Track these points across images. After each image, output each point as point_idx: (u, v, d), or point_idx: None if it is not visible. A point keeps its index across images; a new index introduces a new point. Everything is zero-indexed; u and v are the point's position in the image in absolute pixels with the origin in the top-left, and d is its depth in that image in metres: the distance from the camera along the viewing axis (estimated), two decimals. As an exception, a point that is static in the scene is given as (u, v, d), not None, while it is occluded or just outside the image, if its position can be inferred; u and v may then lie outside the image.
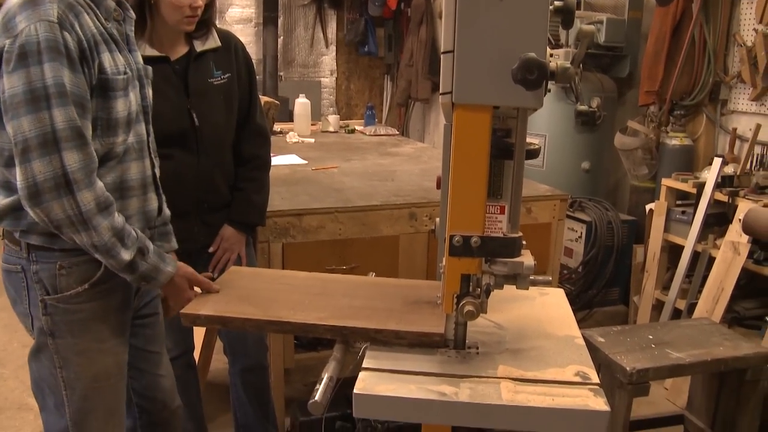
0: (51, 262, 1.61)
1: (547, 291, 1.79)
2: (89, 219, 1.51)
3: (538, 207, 2.99)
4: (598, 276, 4.13)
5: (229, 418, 2.69)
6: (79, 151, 1.49)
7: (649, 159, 4.19)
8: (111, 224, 1.54)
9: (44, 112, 1.44)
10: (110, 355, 1.73)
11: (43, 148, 1.45)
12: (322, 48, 7.15)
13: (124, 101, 1.62)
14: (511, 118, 1.36)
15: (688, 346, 2.61)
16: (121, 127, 1.63)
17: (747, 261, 3.26)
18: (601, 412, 1.24)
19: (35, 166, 1.45)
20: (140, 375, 1.95)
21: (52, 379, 1.69)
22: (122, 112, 1.62)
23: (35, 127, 1.44)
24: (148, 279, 1.65)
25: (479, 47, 1.21)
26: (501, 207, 1.39)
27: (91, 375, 1.70)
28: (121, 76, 1.61)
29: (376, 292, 1.70)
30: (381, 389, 1.29)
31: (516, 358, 1.41)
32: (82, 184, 1.49)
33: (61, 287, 1.63)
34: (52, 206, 1.48)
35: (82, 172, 1.49)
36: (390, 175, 3.35)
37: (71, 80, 1.48)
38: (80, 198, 1.49)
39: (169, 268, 1.68)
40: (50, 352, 1.67)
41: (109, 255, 1.56)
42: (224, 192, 2.32)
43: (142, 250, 1.61)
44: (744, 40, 3.72)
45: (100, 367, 1.71)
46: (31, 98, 1.44)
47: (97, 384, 1.71)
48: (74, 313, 1.65)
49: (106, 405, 1.75)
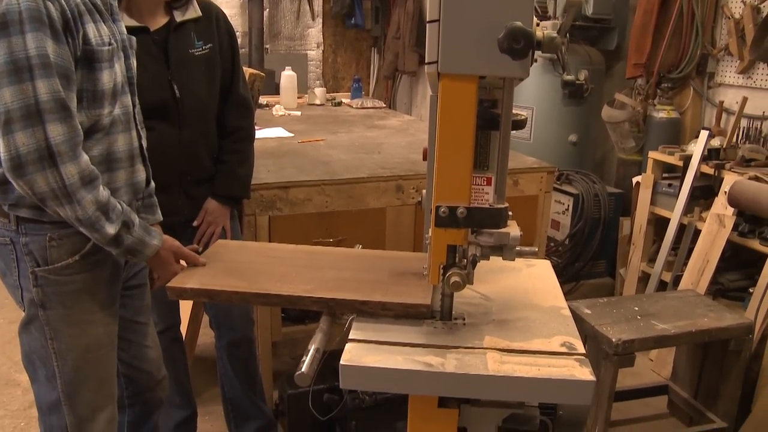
0: (41, 234, 1.61)
1: (534, 263, 1.79)
2: (73, 192, 1.49)
3: (525, 179, 2.99)
4: (585, 248, 4.14)
5: (218, 391, 2.70)
6: (63, 123, 1.47)
7: (636, 132, 4.19)
8: (95, 198, 1.53)
9: (27, 84, 1.43)
10: (101, 326, 1.73)
11: (26, 119, 1.43)
12: (308, 20, 7.08)
13: (109, 72, 1.60)
14: (498, 89, 1.35)
15: (673, 318, 2.64)
16: (107, 99, 1.61)
17: (732, 233, 3.29)
18: (586, 381, 1.24)
19: (18, 137, 1.43)
20: (128, 346, 1.95)
21: (43, 351, 1.69)
22: (108, 84, 1.60)
23: (17, 99, 1.42)
24: (133, 252, 1.64)
25: (465, 16, 1.19)
26: (487, 178, 1.38)
27: (83, 346, 1.70)
28: (106, 47, 1.58)
29: (363, 264, 1.70)
30: (368, 360, 1.29)
31: (502, 328, 1.42)
32: (66, 156, 1.47)
33: (52, 259, 1.63)
34: (36, 178, 1.46)
35: (67, 145, 1.47)
36: (377, 147, 3.34)
37: (55, 51, 1.46)
38: (64, 171, 1.47)
39: (154, 241, 1.67)
40: (41, 323, 1.67)
41: (94, 229, 1.55)
42: (208, 164, 2.30)
43: (127, 223, 1.60)
44: (732, 12, 3.71)
45: (91, 337, 1.71)
46: (13, 69, 1.42)
47: (89, 354, 1.72)
48: (65, 284, 1.65)
49: (97, 375, 1.75)
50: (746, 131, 3.69)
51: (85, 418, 1.74)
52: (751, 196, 3.12)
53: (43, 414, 1.77)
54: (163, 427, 2.61)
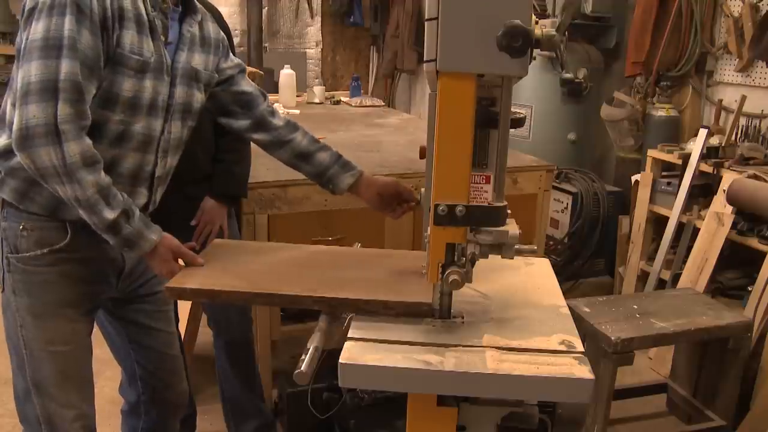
0: (16, 221, 1.65)
1: (533, 261, 1.79)
2: (73, 171, 1.50)
3: (524, 178, 2.98)
4: (584, 247, 4.15)
5: (217, 390, 2.69)
6: (73, 105, 1.49)
7: (635, 130, 4.19)
8: (96, 180, 1.53)
9: (53, 61, 1.47)
10: (68, 322, 1.73)
11: (42, 93, 1.46)
12: (307, 19, 7.07)
13: (133, 82, 1.60)
14: (496, 87, 1.35)
15: (672, 316, 2.64)
16: (121, 107, 1.61)
17: (731, 232, 3.29)
18: (585, 380, 1.24)
19: (31, 108, 1.46)
20: (147, 351, 1.96)
21: (15, 338, 1.72)
22: (127, 92, 1.60)
23: (41, 72, 1.47)
24: (130, 244, 1.62)
25: (464, 14, 1.19)
26: (486, 176, 1.38)
27: (47, 338, 1.71)
28: (137, 57, 1.59)
29: (363, 263, 1.70)
30: (367, 359, 1.29)
31: (501, 327, 1.42)
32: (70, 135, 1.48)
33: (21, 248, 1.66)
34: (40, 152, 1.47)
35: (71, 125, 1.49)
36: (376, 146, 3.33)
37: (87, 40, 1.50)
38: (66, 148, 1.48)
39: (153, 236, 1.65)
40: (12, 309, 1.70)
41: (92, 211, 1.55)
42: (205, 164, 2.30)
43: (127, 212, 1.59)
44: (731, 10, 3.71)
45: (53, 332, 1.72)
46: (45, 45, 1.47)
47: (53, 348, 1.72)
48: (32, 274, 1.67)
49: (62, 371, 1.74)
50: (745, 129, 3.70)
51: (53, 412, 1.74)
52: (749, 194, 3.12)
53: (19, 401, 1.78)
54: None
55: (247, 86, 1.96)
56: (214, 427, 2.90)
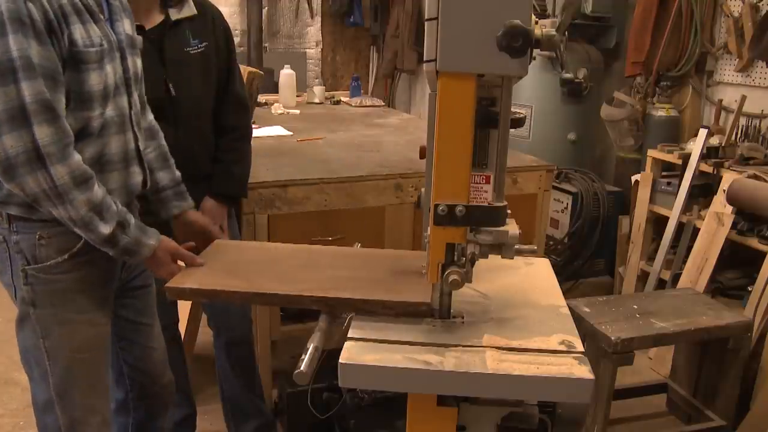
0: (31, 232, 1.61)
1: (533, 261, 1.79)
2: (65, 193, 1.49)
3: (524, 178, 2.99)
4: (584, 247, 4.15)
5: (217, 390, 2.69)
6: (50, 124, 1.46)
7: (635, 130, 4.19)
8: (88, 198, 1.52)
9: (11, 86, 1.42)
10: (91, 326, 1.73)
11: (12, 122, 1.43)
12: (307, 19, 7.07)
13: (98, 74, 1.58)
14: (496, 87, 1.35)
15: (672, 316, 2.64)
16: (97, 101, 1.59)
17: (731, 232, 3.29)
18: (585, 380, 1.24)
19: (6, 140, 1.43)
20: (131, 347, 1.96)
21: (36, 349, 1.69)
22: (97, 86, 1.58)
23: (3, 102, 1.42)
24: (130, 253, 1.63)
25: (464, 14, 1.19)
26: (486, 176, 1.38)
27: (73, 346, 1.70)
28: (94, 49, 1.56)
29: (362, 263, 1.70)
30: (367, 359, 1.29)
31: (501, 327, 1.42)
32: (55, 158, 1.47)
33: (41, 257, 1.62)
34: (27, 180, 1.46)
35: (55, 146, 1.47)
36: (376, 146, 3.33)
37: (39, 53, 1.45)
38: (54, 172, 1.47)
39: (151, 241, 1.66)
40: (32, 322, 1.67)
41: (88, 229, 1.55)
42: (204, 164, 2.30)
43: (122, 223, 1.59)
44: (731, 10, 3.71)
45: (81, 338, 1.71)
46: None
47: (79, 355, 1.71)
48: (54, 283, 1.65)
49: (88, 377, 1.74)
50: (745, 129, 3.70)
51: (77, 419, 1.74)
52: (749, 194, 3.12)
53: (39, 413, 1.76)
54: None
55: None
56: (214, 427, 2.90)
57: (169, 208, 1.93)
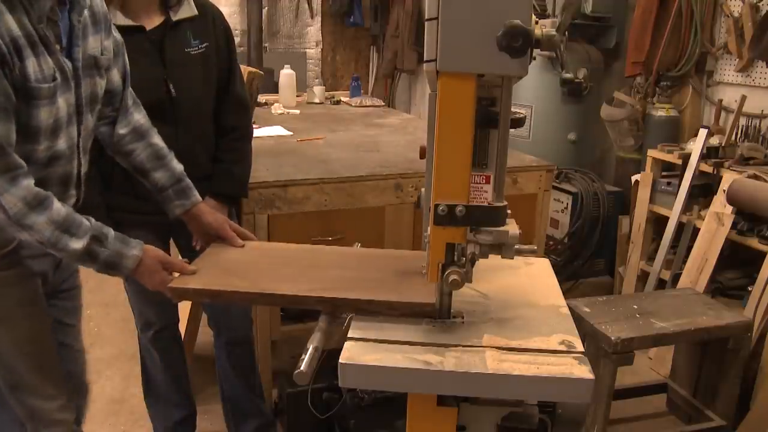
0: None
1: (533, 261, 1.79)
2: (21, 219, 1.48)
3: (524, 178, 2.99)
4: (584, 247, 4.15)
5: (217, 390, 2.69)
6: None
7: (635, 130, 4.19)
8: (48, 218, 1.50)
9: None
10: (26, 321, 1.72)
11: None
12: (307, 19, 7.07)
13: (48, 110, 1.54)
14: (496, 87, 1.35)
15: (672, 316, 2.64)
16: (44, 135, 1.55)
17: (731, 232, 3.29)
18: (585, 380, 1.24)
19: None
20: (60, 348, 1.92)
21: None
22: (46, 121, 1.54)
23: None
24: (113, 266, 1.60)
25: (463, 14, 1.19)
26: (486, 176, 1.38)
27: (11, 341, 1.70)
28: (46, 85, 1.51)
29: (364, 263, 1.70)
30: (367, 359, 1.28)
31: (501, 327, 1.42)
32: (2, 189, 1.45)
33: None
34: None
35: (2, 179, 1.45)
36: (376, 146, 3.33)
37: None
38: (5, 203, 1.46)
39: (134, 251, 1.61)
40: None
41: (57, 248, 1.53)
42: (204, 164, 2.29)
43: (97, 237, 1.56)
44: (731, 10, 3.71)
45: (17, 333, 1.70)
46: None
47: (19, 350, 1.71)
48: None
49: (40, 368, 1.74)
50: (745, 129, 3.70)
51: (36, 408, 1.74)
52: (749, 194, 3.12)
53: None
54: (162, 426, 2.62)
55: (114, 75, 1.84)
56: (214, 427, 2.90)
57: (172, 209, 1.91)
